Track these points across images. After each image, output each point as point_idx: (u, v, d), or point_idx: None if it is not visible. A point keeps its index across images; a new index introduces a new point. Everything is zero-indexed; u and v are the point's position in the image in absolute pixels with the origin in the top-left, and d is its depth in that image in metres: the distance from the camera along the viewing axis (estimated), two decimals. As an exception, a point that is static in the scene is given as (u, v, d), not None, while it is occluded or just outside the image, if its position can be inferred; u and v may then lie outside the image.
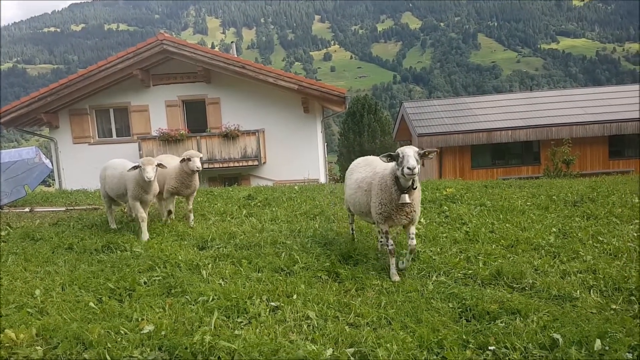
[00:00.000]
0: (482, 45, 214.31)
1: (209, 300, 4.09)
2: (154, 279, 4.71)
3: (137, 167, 6.27)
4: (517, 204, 7.40)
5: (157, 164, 6.38)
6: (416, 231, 5.32)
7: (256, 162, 17.19)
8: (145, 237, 6.31)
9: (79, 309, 4.07)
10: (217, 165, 17.13)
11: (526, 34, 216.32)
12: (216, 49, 61.26)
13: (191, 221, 7.09)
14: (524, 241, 5.50)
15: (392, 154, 4.39)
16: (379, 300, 4.07)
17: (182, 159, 6.85)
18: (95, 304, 4.13)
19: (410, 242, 4.63)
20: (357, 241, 5.80)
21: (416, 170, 4.18)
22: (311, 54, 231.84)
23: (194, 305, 4.04)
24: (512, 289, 4.23)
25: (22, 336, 3.48)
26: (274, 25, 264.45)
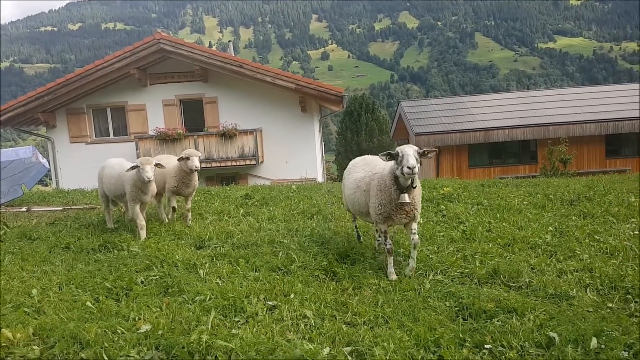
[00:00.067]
0: (479, 44, 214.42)
1: (206, 299, 4.09)
2: (151, 278, 4.71)
3: (135, 167, 6.18)
4: (514, 203, 7.42)
5: (156, 164, 6.33)
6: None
7: (254, 162, 17.18)
8: (142, 237, 6.30)
9: (76, 308, 4.07)
10: (214, 164, 17.12)
11: (523, 33, 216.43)
12: (213, 48, 61.04)
13: (189, 220, 7.07)
14: (521, 240, 5.51)
15: (392, 152, 4.36)
16: (376, 299, 4.08)
17: (181, 158, 6.83)
18: (92, 304, 4.13)
19: (412, 237, 4.61)
20: (355, 240, 5.81)
21: (416, 169, 4.17)
22: (309, 53, 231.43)
23: (191, 304, 4.04)
24: (509, 288, 4.24)
25: (19, 335, 3.48)
26: (271, 24, 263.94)
